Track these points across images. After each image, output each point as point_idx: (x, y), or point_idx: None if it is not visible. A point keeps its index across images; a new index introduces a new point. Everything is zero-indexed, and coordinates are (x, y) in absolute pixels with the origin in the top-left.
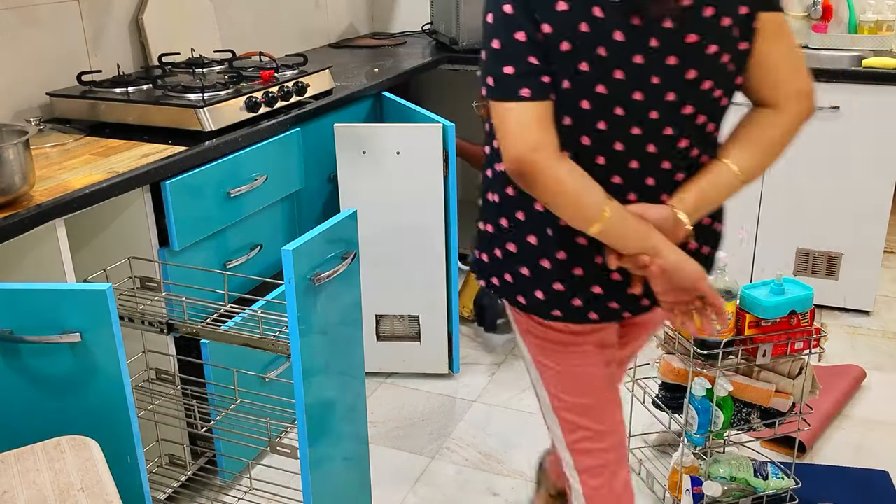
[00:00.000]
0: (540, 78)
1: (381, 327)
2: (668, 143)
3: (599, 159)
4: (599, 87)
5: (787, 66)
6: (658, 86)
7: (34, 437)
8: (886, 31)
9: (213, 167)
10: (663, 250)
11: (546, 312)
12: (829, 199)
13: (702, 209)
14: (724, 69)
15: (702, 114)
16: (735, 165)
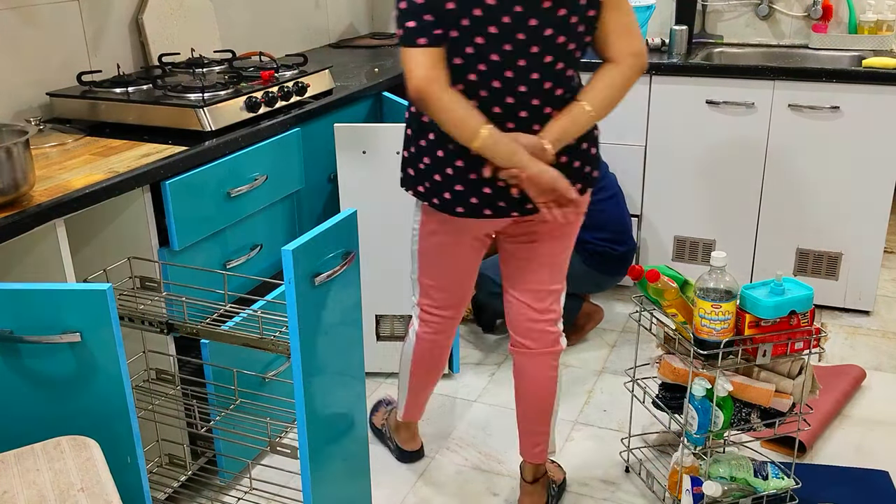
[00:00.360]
0: (433, 31)
1: (381, 327)
2: (534, 84)
3: (483, 93)
4: (478, 39)
5: (622, 31)
6: (523, 40)
7: (34, 437)
8: (886, 31)
9: (213, 167)
10: (528, 164)
11: (452, 209)
12: (829, 199)
13: (563, 138)
14: (574, 28)
15: (560, 62)
16: (588, 105)
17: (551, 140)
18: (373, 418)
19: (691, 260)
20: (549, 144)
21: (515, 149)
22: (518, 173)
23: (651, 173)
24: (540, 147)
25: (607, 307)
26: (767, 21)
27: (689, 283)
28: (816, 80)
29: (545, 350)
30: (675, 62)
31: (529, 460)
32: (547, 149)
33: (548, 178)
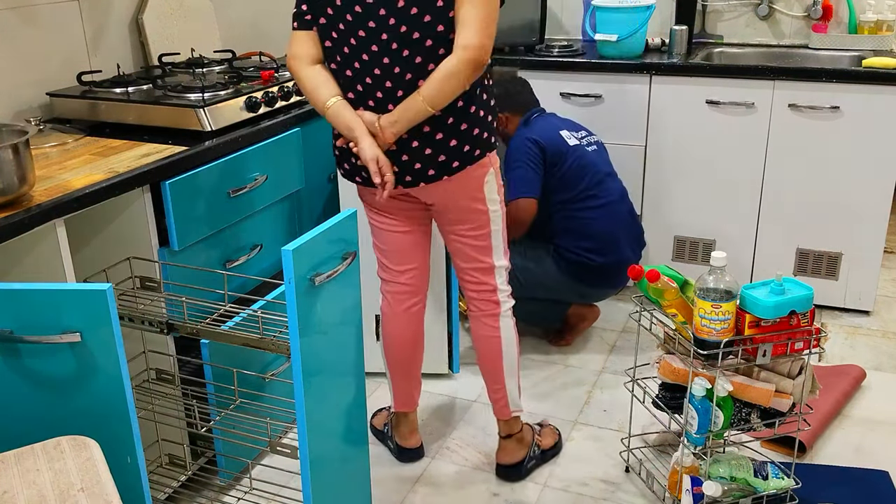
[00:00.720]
0: (304, 17)
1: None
2: (386, 68)
3: (348, 72)
4: (340, 25)
5: (461, 22)
6: (374, 28)
7: (34, 437)
8: (886, 31)
9: (213, 167)
10: (359, 139)
11: (338, 167)
12: (829, 199)
13: (400, 122)
14: (416, 18)
15: (406, 49)
16: (421, 95)
17: (386, 121)
18: (374, 420)
19: (691, 260)
20: (381, 125)
21: (352, 124)
22: (352, 145)
23: (651, 173)
24: (374, 125)
25: (607, 307)
26: (767, 21)
27: (689, 283)
28: (816, 80)
29: (483, 313)
30: (675, 62)
31: (496, 416)
32: (379, 127)
33: (363, 156)
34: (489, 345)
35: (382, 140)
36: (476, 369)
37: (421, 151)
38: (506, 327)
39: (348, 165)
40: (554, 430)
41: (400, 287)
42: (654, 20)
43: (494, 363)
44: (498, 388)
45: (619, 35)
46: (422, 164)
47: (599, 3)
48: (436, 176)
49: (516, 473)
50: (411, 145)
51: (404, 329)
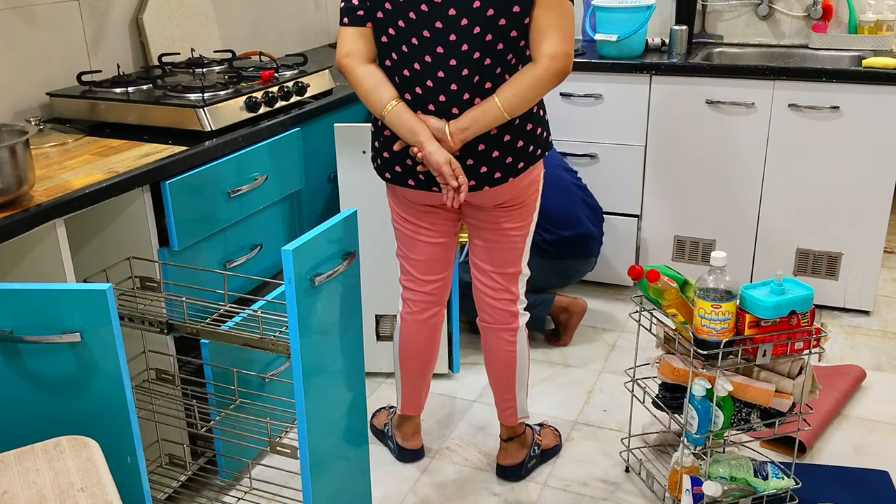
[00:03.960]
0: (356, 12)
1: (381, 327)
2: (452, 70)
3: (405, 72)
4: (399, 22)
5: (545, 33)
6: (441, 28)
7: (34, 437)
8: (886, 31)
9: (213, 167)
10: (425, 144)
11: (383, 174)
12: (829, 199)
13: (472, 128)
14: (492, 20)
15: (477, 51)
16: (499, 102)
17: (458, 128)
18: (374, 420)
19: (691, 260)
20: (451, 131)
21: (417, 128)
22: (417, 151)
23: (651, 173)
24: (442, 132)
25: (607, 307)
26: (767, 21)
27: (689, 283)
28: (816, 80)
29: (501, 326)
30: (675, 62)
31: (501, 421)
32: (447, 134)
33: (434, 161)
34: (505, 359)
35: (449, 146)
36: (476, 369)
37: (488, 154)
38: (521, 341)
39: (400, 168)
40: (554, 431)
41: (423, 297)
42: (654, 20)
43: (508, 377)
44: (508, 397)
45: (619, 35)
46: (488, 168)
47: (599, 3)
48: (502, 179)
49: (516, 474)
50: (477, 148)
51: (423, 337)
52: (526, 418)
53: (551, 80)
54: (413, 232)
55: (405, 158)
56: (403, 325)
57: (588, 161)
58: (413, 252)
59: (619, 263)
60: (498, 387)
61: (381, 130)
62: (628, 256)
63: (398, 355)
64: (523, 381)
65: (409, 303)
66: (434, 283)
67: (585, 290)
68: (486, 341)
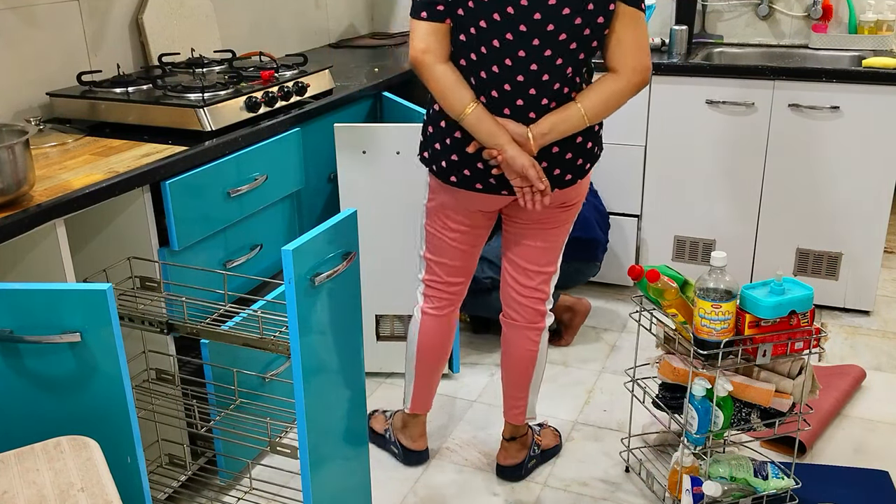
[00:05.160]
0: (435, 7)
1: (381, 327)
2: (533, 75)
3: (483, 74)
4: (481, 22)
5: (629, 46)
6: (525, 32)
7: (34, 437)
8: (886, 31)
9: (213, 167)
10: (505, 147)
11: (447, 178)
12: (829, 199)
13: (552, 133)
14: (578, 28)
15: (560, 57)
16: (582, 107)
17: (539, 132)
18: (373, 425)
19: (691, 260)
20: (533, 136)
21: (497, 131)
22: (496, 154)
23: (651, 173)
24: (524, 136)
25: (607, 307)
26: (767, 21)
27: (689, 283)
28: (816, 80)
29: (528, 325)
30: (675, 62)
31: (507, 419)
32: (529, 138)
33: (519, 164)
34: (526, 358)
35: (529, 150)
36: (477, 369)
37: (562, 156)
38: (544, 341)
39: (469, 171)
40: (554, 432)
41: (447, 296)
42: (654, 20)
43: (524, 375)
44: (521, 396)
45: None
46: (561, 170)
47: None
48: (572, 180)
49: (516, 474)
50: (552, 151)
51: (442, 332)
52: (533, 419)
53: (633, 92)
54: (452, 240)
55: (476, 162)
56: (424, 319)
57: None
58: (449, 258)
59: (619, 263)
60: (513, 385)
61: (449, 132)
62: (628, 256)
63: (414, 351)
64: (538, 382)
65: (431, 299)
66: (459, 284)
67: (585, 290)
68: (509, 339)
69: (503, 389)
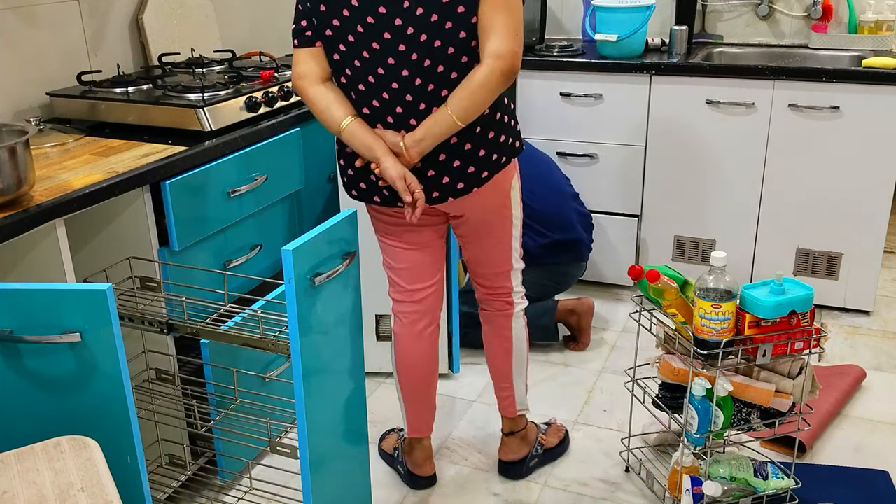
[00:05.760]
0: (304, 33)
1: (381, 327)
2: (406, 81)
3: (361, 86)
4: (350, 37)
5: (493, 32)
6: (389, 39)
7: (34, 437)
8: (886, 31)
9: (213, 167)
10: (381, 159)
11: (349, 191)
12: (829, 199)
13: (427, 139)
14: (437, 25)
15: (428, 59)
16: (450, 109)
17: (412, 140)
18: (383, 444)
19: (691, 260)
20: (407, 144)
21: (372, 144)
22: (374, 166)
23: (651, 173)
24: (398, 145)
25: (607, 307)
26: (767, 21)
27: (689, 283)
28: (816, 80)
29: (497, 312)
30: (675, 62)
31: (501, 413)
32: (404, 147)
33: (389, 176)
34: (500, 344)
35: (407, 160)
36: (477, 369)
37: (449, 164)
38: (518, 327)
39: (365, 185)
40: (560, 429)
41: (413, 307)
42: (654, 20)
43: (504, 362)
44: (506, 386)
45: (619, 35)
46: (450, 178)
47: (599, 3)
48: (465, 189)
49: (517, 471)
50: (438, 159)
51: (419, 352)
52: (525, 411)
53: (499, 80)
54: (394, 243)
55: (369, 175)
56: (398, 342)
57: (588, 161)
58: (398, 261)
59: (619, 263)
60: (496, 374)
61: (344, 147)
62: (628, 256)
63: (396, 375)
64: (521, 369)
65: (401, 316)
66: (423, 291)
67: (585, 290)
68: (484, 329)
69: (493, 383)
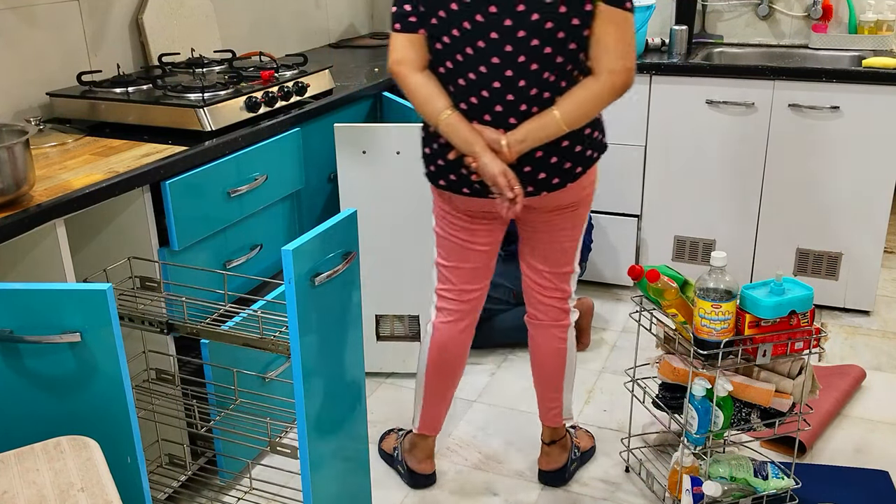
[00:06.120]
0: (408, 18)
1: (381, 327)
2: (509, 81)
3: (461, 81)
4: (454, 31)
5: (607, 47)
6: (496, 39)
7: (34, 437)
8: (886, 31)
9: (213, 167)
10: (479, 155)
11: (436, 181)
12: (829, 199)
13: (528, 140)
14: (550, 33)
15: (535, 63)
16: (558, 113)
17: (514, 140)
18: (383, 444)
19: (691, 260)
20: (507, 142)
21: (472, 138)
22: (470, 161)
23: (651, 173)
24: (498, 143)
25: (607, 307)
26: (767, 21)
27: (689, 283)
28: (816, 80)
29: (553, 323)
30: (675, 62)
31: (545, 423)
32: (504, 146)
33: (489, 173)
34: (555, 357)
35: (505, 158)
36: (477, 369)
37: (546, 161)
38: (571, 338)
39: (455, 176)
40: (587, 432)
41: (461, 306)
42: (654, 20)
43: (557, 375)
44: (555, 397)
45: None
46: (546, 174)
47: None
48: (560, 184)
49: (561, 478)
50: (535, 155)
51: (456, 348)
52: (570, 420)
53: (611, 95)
54: (462, 240)
55: (460, 167)
56: (437, 334)
57: None
58: (462, 260)
59: (619, 263)
60: (545, 386)
61: (436, 137)
62: (628, 256)
63: (425, 368)
64: (571, 379)
65: (446, 312)
66: (474, 292)
67: (585, 290)
68: (536, 339)
69: (537, 392)
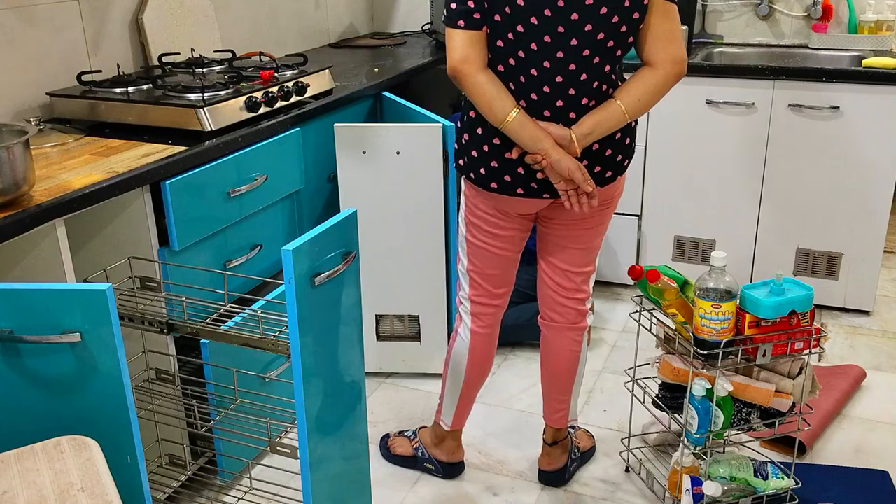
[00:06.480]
0: (472, 15)
1: (381, 327)
2: (572, 75)
3: (521, 78)
4: (519, 27)
5: (664, 39)
6: (563, 34)
7: (34, 437)
8: (886, 31)
9: (213, 167)
10: (549, 151)
11: (486, 184)
12: (829, 199)
13: (594, 133)
14: (615, 27)
15: (597, 56)
16: (622, 104)
17: (581, 133)
18: (399, 450)
19: (691, 260)
20: (576, 137)
21: (540, 135)
22: (540, 159)
23: (651, 173)
24: (567, 139)
25: (607, 307)
26: (767, 21)
27: (689, 283)
28: (816, 80)
29: (570, 325)
30: None
31: (549, 424)
32: (573, 140)
33: (565, 168)
34: (570, 360)
35: (573, 152)
36: None
37: (602, 154)
38: (585, 342)
39: (510, 177)
40: (587, 433)
41: (494, 310)
42: None
43: (568, 378)
44: (564, 399)
45: None
46: (601, 167)
47: None
48: (612, 178)
49: (561, 478)
50: (592, 148)
51: (490, 349)
52: (574, 422)
53: (671, 84)
54: (494, 247)
55: (517, 167)
56: (476, 341)
57: None
58: (492, 267)
59: (619, 263)
60: (556, 388)
61: (487, 138)
62: (628, 256)
63: (463, 372)
64: (580, 382)
65: (481, 317)
66: (504, 294)
67: None
68: (549, 340)
69: (544, 393)
